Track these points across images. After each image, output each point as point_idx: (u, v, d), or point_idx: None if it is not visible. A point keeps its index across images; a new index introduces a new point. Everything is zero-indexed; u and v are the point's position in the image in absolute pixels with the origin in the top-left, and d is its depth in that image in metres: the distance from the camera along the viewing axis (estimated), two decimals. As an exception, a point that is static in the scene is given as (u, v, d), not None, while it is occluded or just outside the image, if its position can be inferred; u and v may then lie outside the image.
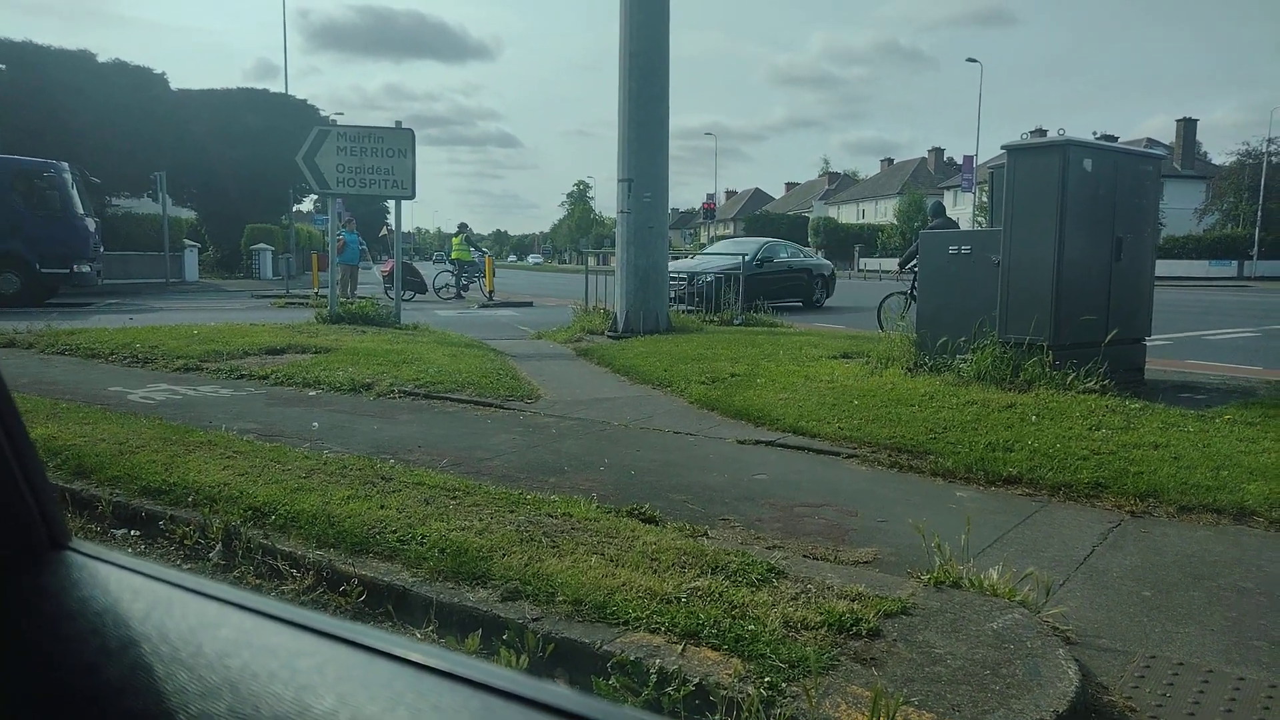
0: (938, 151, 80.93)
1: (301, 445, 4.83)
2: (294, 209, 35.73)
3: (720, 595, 2.66)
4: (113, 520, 3.73)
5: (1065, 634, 2.62)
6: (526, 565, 2.88)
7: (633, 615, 2.53)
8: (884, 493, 4.09)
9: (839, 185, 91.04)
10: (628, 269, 10.47)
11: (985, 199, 56.87)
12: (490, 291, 19.75)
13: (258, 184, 35.60)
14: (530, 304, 19.76)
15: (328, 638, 0.49)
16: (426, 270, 23.85)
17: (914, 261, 11.71)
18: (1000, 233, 5.84)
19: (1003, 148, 6.08)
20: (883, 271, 56.79)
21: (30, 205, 16.96)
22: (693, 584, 2.74)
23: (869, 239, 64.87)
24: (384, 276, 20.37)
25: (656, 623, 2.49)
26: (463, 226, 22.33)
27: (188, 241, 29.65)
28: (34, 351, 9.41)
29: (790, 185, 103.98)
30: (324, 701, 0.43)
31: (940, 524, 3.41)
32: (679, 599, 2.63)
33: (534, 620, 2.57)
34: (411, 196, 10.92)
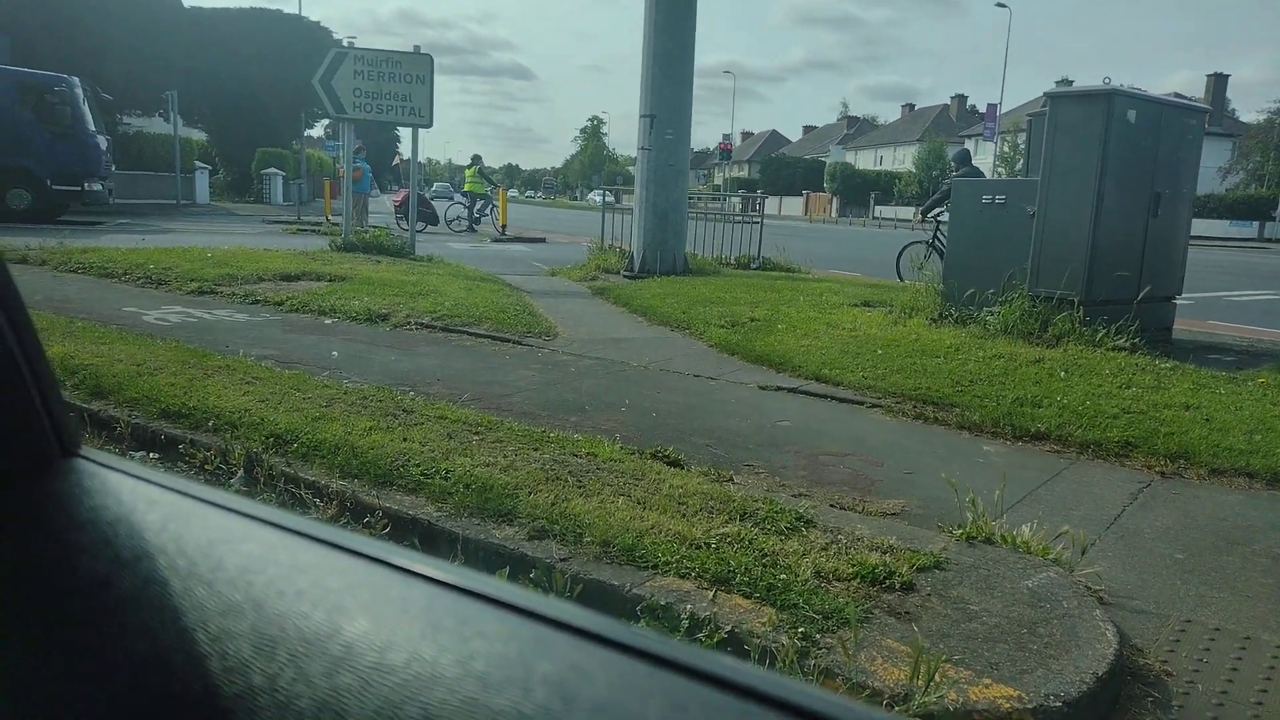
0: (960, 99, 79.16)
1: (320, 374, 4.78)
2: (305, 134, 35.33)
3: (750, 542, 2.62)
4: (131, 442, 3.70)
5: (1099, 594, 2.59)
6: (553, 504, 2.84)
7: (662, 559, 2.50)
8: (909, 444, 4.04)
9: (858, 130, 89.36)
10: (646, 207, 10.29)
11: (1007, 149, 55.52)
12: (503, 225, 19.52)
13: (269, 107, 35.04)
14: (543, 240, 19.56)
15: (361, 557, 0.46)
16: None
17: (936, 210, 11.51)
18: (1037, 183, 5.67)
19: (1045, 95, 5.86)
20: (898, 220, 56.13)
21: (41, 120, 16.68)
22: (721, 530, 2.70)
23: (886, 186, 63.87)
24: (395, 206, 20.16)
25: (686, 568, 2.46)
26: (476, 158, 21.95)
27: (199, 163, 29.31)
28: (47, 269, 9.35)
29: (808, 128, 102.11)
30: (357, 623, 0.41)
31: (968, 478, 3.36)
32: (708, 544, 2.59)
33: (562, 560, 2.54)
34: (429, 124, 10.68)
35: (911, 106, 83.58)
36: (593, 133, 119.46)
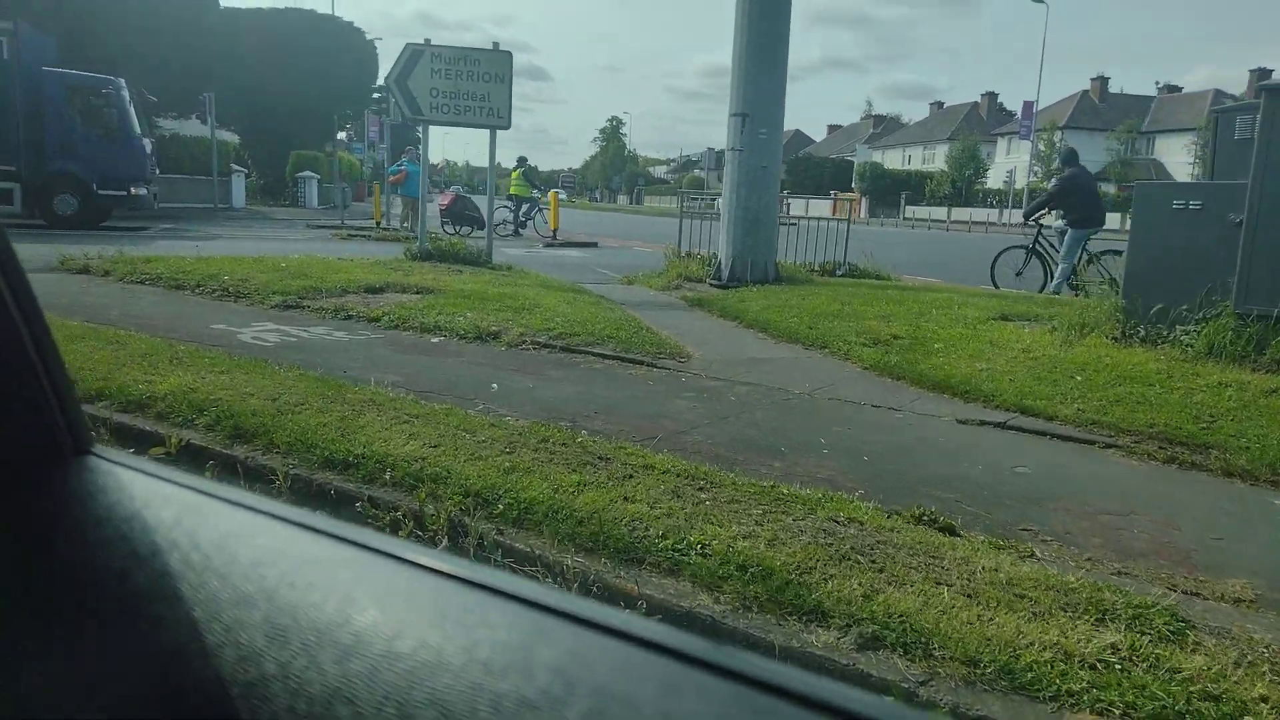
0: (991, 96, 78.05)
1: (468, 405, 4.25)
2: (337, 136, 35.04)
3: (1148, 659, 2.06)
4: (290, 497, 3.19)
5: None
6: (865, 598, 2.29)
7: (1060, 686, 1.94)
8: (1184, 497, 3.46)
9: (884, 129, 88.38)
10: (736, 212, 9.73)
11: (1043, 147, 54.36)
12: (554, 230, 19.00)
13: (302, 109, 34.74)
14: (595, 244, 19.04)
15: (369, 550, 0.47)
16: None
17: (1042, 213, 10.88)
18: (1244, 186, 5.07)
19: (1260, 88, 5.26)
20: (931, 221, 55.21)
21: (88, 124, 16.31)
22: (1100, 639, 2.14)
23: (917, 186, 62.93)
24: (441, 210, 19.67)
25: (1099, 700, 1.90)
26: (522, 160, 21.48)
27: (235, 166, 28.99)
28: (111, 279, 8.91)
29: (833, 128, 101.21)
30: (366, 613, 0.42)
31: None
32: (1099, 663, 2.04)
33: (921, 683, 1.99)
34: (507, 126, 10.15)
35: (940, 104, 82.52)
36: (612, 133, 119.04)
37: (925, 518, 2.96)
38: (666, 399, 4.76)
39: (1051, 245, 10.96)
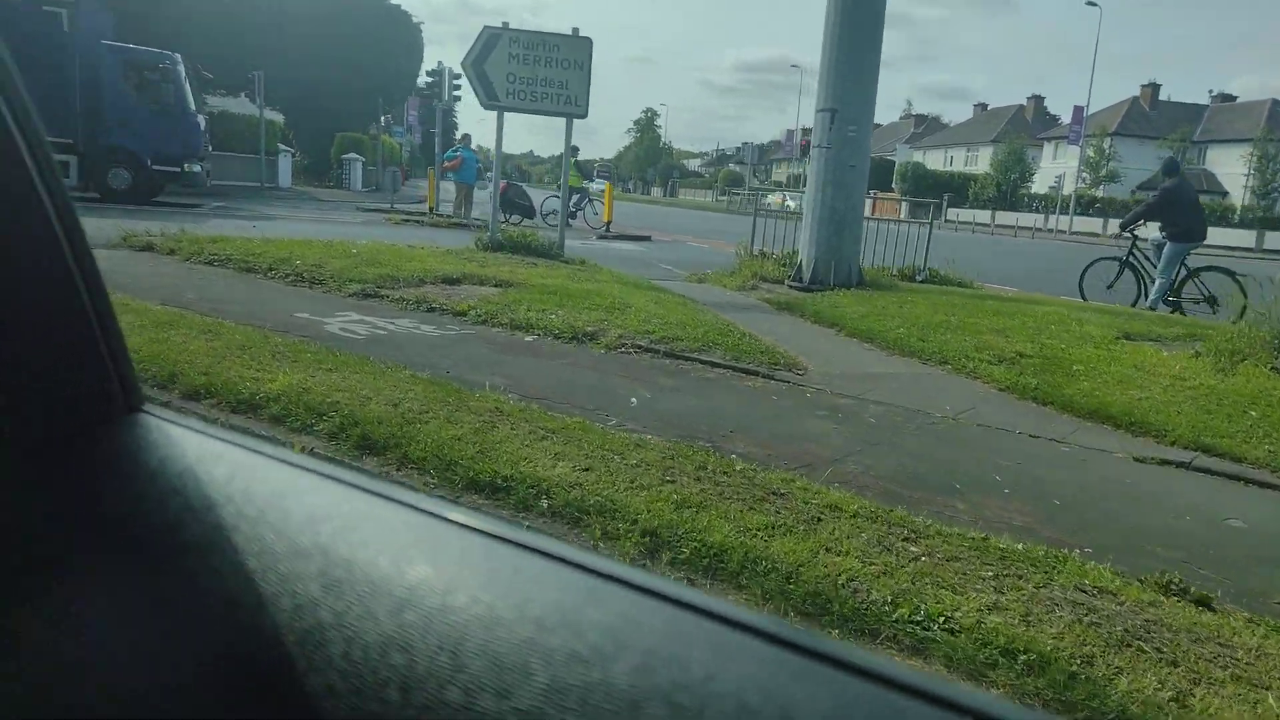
0: (1037, 99, 76.66)
1: (591, 416, 3.89)
2: (381, 119, 34.85)
3: None
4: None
5: None
6: (1178, 704, 1.91)
7: None
8: None
9: (925, 129, 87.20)
10: (821, 211, 9.29)
11: (1092, 153, 53.16)
12: (608, 222, 18.62)
13: (348, 90, 34.60)
14: (649, 238, 18.66)
15: (421, 511, 0.48)
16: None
17: (1139, 223, 10.36)
18: None
19: None
20: (975, 224, 54.08)
21: (143, 98, 16.17)
22: None
23: (959, 188, 61.88)
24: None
25: None
26: (575, 150, 21.10)
27: (282, 146, 28.87)
28: (176, 259, 8.67)
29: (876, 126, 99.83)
30: (420, 569, 0.43)
31: None
32: None
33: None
34: (584, 114, 9.78)
35: (984, 106, 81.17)
36: (646, 125, 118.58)
37: (1174, 587, 2.56)
38: (799, 418, 4.37)
39: (1147, 258, 10.43)
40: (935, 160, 75.65)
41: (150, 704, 0.44)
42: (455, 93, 20.86)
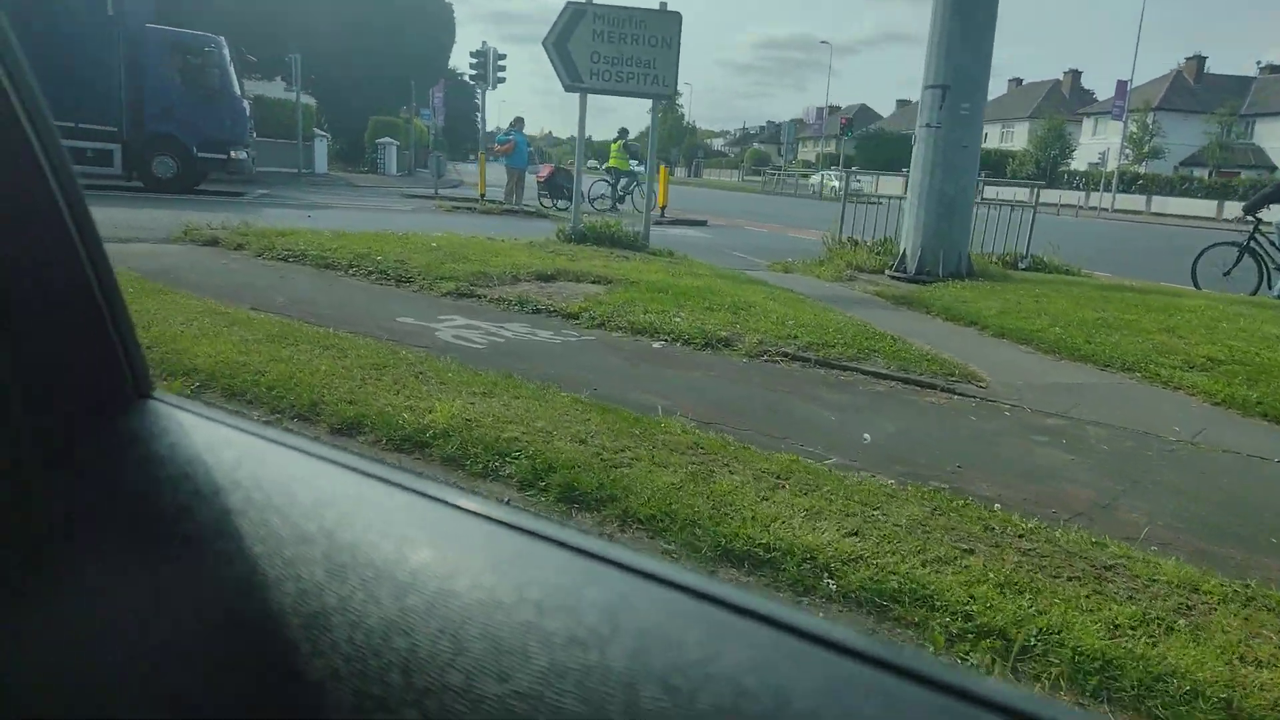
0: (1074, 74, 74.80)
1: (807, 452, 3.33)
2: (412, 103, 34.28)
3: None
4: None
5: None
6: None
7: None
8: None
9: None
10: (929, 196, 8.64)
11: (1135, 128, 51.66)
12: (663, 207, 17.97)
13: (379, 73, 34.09)
14: (705, 222, 18.00)
15: (423, 496, 0.48)
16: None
17: (1267, 206, 9.62)
18: None
19: None
20: (1015, 202, 52.80)
21: (188, 83, 15.64)
22: None
23: (996, 165, 60.54)
24: (539, 182, 18.78)
25: None
26: (623, 132, 20.44)
27: (317, 131, 28.36)
28: (247, 254, 8.18)
29: (901, 102, 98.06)
30: (423, 554, 0.43)
31: None
32: None
33: None
34: (671, 95, 9.15)
35: (1019, 81, 79.35)
36: (669, 104, 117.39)
37: None
38: (1020, 445, 3.78)
39: (1272, 244, 9.69)
40: (968, 137, 73.81)
41: (161, 684, 0.45)
42: (500, 74, 20.15)
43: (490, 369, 4.22)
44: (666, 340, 5.43)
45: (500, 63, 20.25)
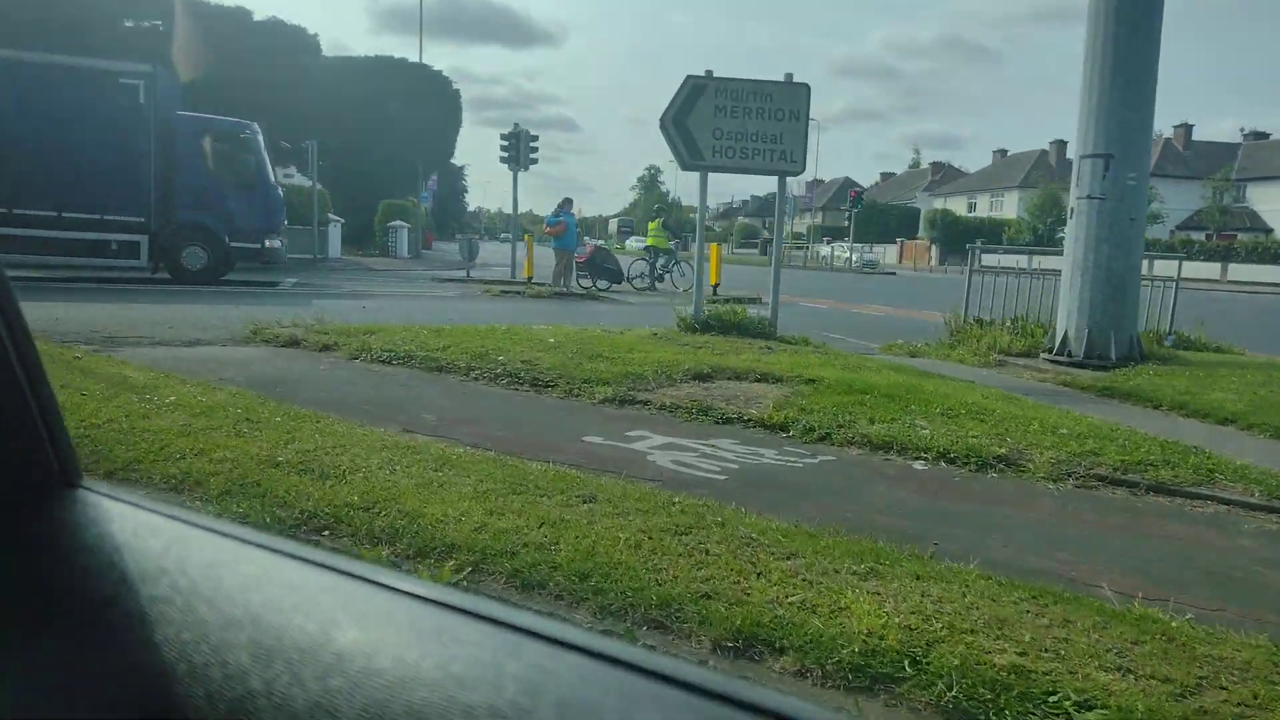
0: (1060, 144, 76.16)
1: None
2: (426, 185, 33.85)
3: None
4: None
5: None
6: None
7: None
8: None
9: (943, 176, 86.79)
10: (1095, 272, 7.80)
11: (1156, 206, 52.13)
12: (715, 285, 17.17)
13: (387, 156, 33.67)
14: (758, 299, 17.13)
15: (349, 576, 0.48)
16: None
17: None
18: None
19: None
20: (1018, 269, 52.86)
21: (222, 171, 14.83)
22: None
23: (991, 234, 60.98)
24: (579, 263, 17.97)
25: None
26: (660, 210, 19.89)
27: (332, 216, 27.70)
28: (337, 356, 7.19)
29: (886, 175, 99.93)
30: (347, 634, 0.43)
31: None
32: None
33: None
34: (800, 171, 8.35)
35: (1004, 152, 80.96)
36: (650, 181, 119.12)
37: None
38: None
39: None
40: (957, 206, 74.94)
41: None
42: (533, 156, 19.58)
43: (776, 515, 3.21)
44: (926, 460, 4.43)
45: (533, 144, 19.72)
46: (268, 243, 15.18)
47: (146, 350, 7.21)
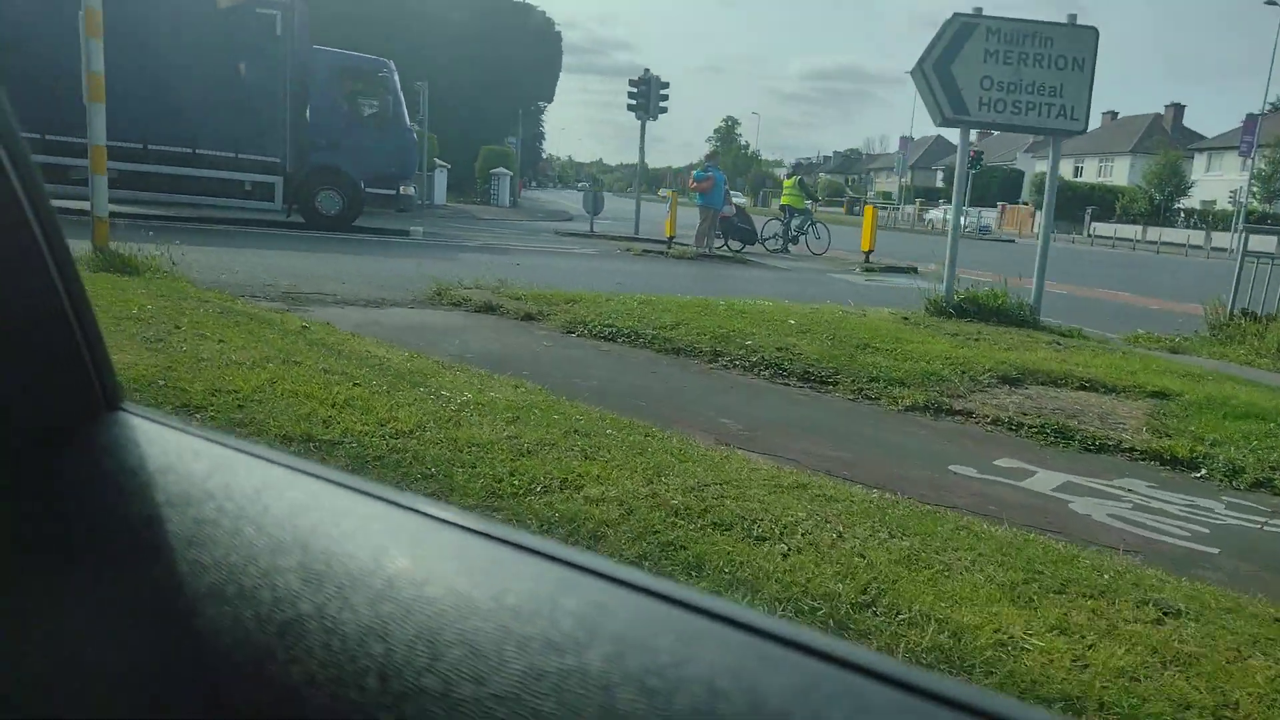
0: (1176, 108, 71.57)
1: None
2: (520, 131, 32.92)
3: None
4: None
5: None
6: None
7: None
8: None
9: (1045, 137, 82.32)
10: None
11: (1264, 165, 48.51)
12: (868, 251, 15.92)
13: (488, 101, 32.79)
14: (915, 269, 15.84)
15: (397, 506, 0.47)
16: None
17: None
18: None
19: None
20: (1133, 240, 49.52)
21: (358, 112, 14.06)
22: None
23: (1103, 201, 57.50)
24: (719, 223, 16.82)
25: None
26: (797, 168, 18.56)
27: (438, 162, 26.96)
28: (549, 328, 6.33)
29: (982, 133, 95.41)
30: (398, 562, 0.43)
31: None
32: None
33: None
34: (1083, 130, 7.12)
35: (1114, 114, 76.09)
36: (726, 134, 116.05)
37: None
38: None
39: None
40: (1063, 170, 70.93)
41: (136, 698, 0.45)
42: (663, 104, 18.42)
43: None
44: None
45: (663, 91, 18.55)
46: (403, 188, 14.43)
47: (335, 310, 6.46)
